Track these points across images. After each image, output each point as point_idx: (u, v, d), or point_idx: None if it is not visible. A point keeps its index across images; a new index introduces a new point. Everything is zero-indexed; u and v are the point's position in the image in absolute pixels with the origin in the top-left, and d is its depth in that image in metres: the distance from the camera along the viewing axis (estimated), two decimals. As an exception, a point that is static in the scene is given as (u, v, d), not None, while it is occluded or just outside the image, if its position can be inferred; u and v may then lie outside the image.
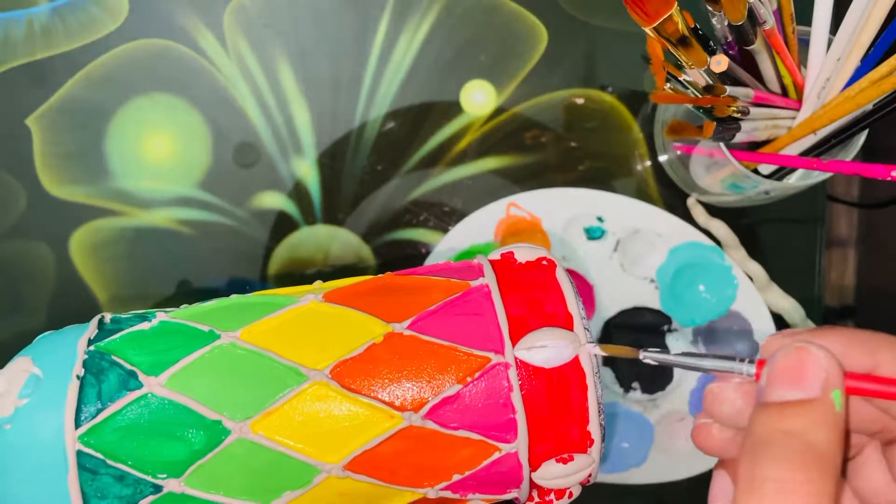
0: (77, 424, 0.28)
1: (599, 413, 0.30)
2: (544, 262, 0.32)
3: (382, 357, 0.29)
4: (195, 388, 0.29)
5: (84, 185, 0.47)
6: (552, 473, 0.30)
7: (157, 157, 0.48)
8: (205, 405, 0.29)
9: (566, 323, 0.30)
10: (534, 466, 0.30)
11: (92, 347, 0.30)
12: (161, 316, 0.32)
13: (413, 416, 0.29)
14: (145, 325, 0.31)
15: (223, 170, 0.48)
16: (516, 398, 0.29)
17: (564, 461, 0.30)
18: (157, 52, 0.48)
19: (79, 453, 0.28)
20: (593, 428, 0.29)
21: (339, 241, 0.49)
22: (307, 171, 0.49)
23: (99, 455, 0.29)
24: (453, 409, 0.29)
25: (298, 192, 0.48)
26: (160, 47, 0.48)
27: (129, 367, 0.30)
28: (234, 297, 0.33)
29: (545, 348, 0.29)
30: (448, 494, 0.30)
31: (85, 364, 0.30)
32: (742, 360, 0.23)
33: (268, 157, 0.48)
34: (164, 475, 0.29)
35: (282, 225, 0.48)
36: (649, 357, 0.26)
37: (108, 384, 0.29)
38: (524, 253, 0.33)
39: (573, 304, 0.31)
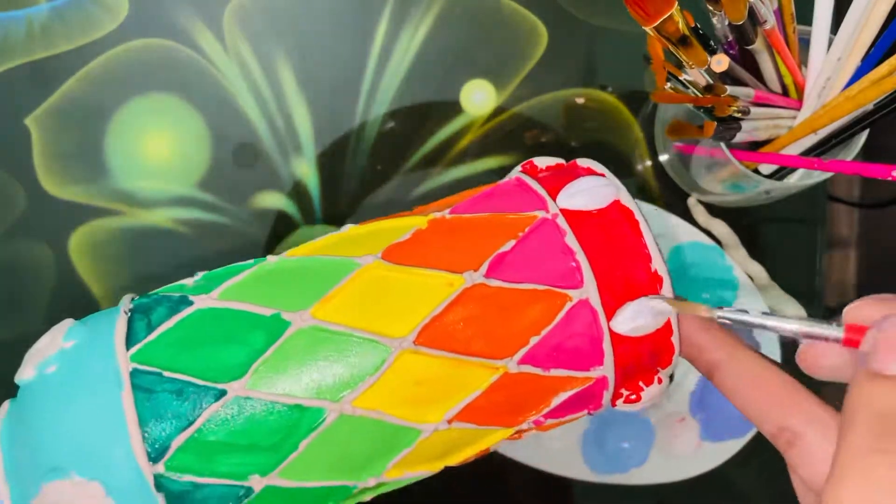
0: (128, 348, 0.27)
1: (661, 254, 0.29)
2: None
3: (428, 239, 0.29)
4: (249, 294, 0.28)
5: (83, 184, 0.47)
6: (627, 314, 0.28)
7: (156, 157, 0.48)
8: (260, 304, 0.28)
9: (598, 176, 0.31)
10: (608, 316, 0.28)
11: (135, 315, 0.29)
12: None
13: (475, 276, 0.28)
14: (188, 281, 0.30)
15: (222, 170, 0.48)
16: (571, 240, 0.28)
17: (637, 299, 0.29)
18: (156, 52, 0.48)
19: (133, 372, 0.27)
20: (658, 265, 0.29)
21: (339, 241, 0.49)
22: (307, 170, 0.48)
23: (154, 369, 0.27)
24: (513, 263, 0.28)
25: (298, 192, 0.48)
26: (160, 47, 0.48)
27: (178, 295, 0.29)
28: (270, 260, 0.31)
29: (583, 191, 0.29)
30: (529, 369, 0.28)
31: (132, 309, 0.29)
32: (829, 323, 0.23)
33: (267, 156, 0.48)
34: (227, 379, 0.27)
35: (281, 225, 0.48)
36: (726, 318, 0.25)
37: (157, 315, 0.28)
38: (544, 160, 0.34)
39: (601, 168, 0.32)
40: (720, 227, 0.49)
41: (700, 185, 0.47)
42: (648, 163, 0.50)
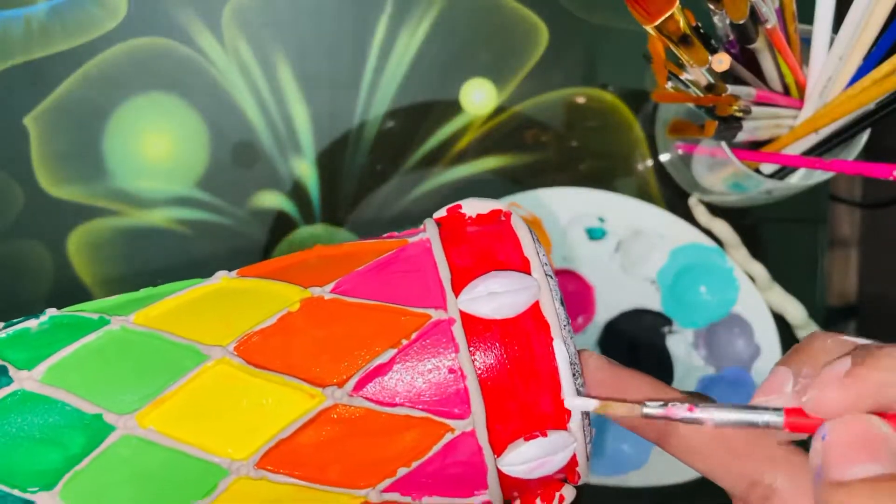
0: None
1: (575, 376, 0.24)
2: (501, 218, 0.28)
3: (299, 327, 0.25)
4: (75, 380, 0.24)
5: (82, 184, 0.47)
6: (521, 457, 0.24)
7: (155, 157, 0.48)
8: (83, 398, 0.24)
9: (522, 268, 0.25)
10: (498, 451, 0.24)
11: None
12: (52, 311, 0.27)
13: (337, 393, 0.24)
14: (33, 323, 0.26)
15: (221, 169, 0.48)
16: (465, 360, 0.24)
17: (535, 438, 0.24)
18: (155, 51, 0.48)
19: None
20: (568, 393, 0.24)
21: (339, 241, 0.48)
22: (306, 170, 0.48)
23: None
24: (388, 381, 0.24)
25: (297, 192, 0.48)
26: (158, 46, 0.48)
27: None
28: (113, 326, 0.27)
29: (495, 295, 0.24)
30: (395, 497, 0.25)
31: None
32: (765, 410, 0.22)
33: (266, 156, 0.48)
34: (35, 488, 0.24)
35: (281, 224, 0.48)
36: (653, 412, 0.22)
37: None
38: (474, 205, 0.28)
39: (530, 247, 0.25)
40: (721, 227, 0.49)
41: (701, 185, 0.47)
42: (649, 162, 0.50)
